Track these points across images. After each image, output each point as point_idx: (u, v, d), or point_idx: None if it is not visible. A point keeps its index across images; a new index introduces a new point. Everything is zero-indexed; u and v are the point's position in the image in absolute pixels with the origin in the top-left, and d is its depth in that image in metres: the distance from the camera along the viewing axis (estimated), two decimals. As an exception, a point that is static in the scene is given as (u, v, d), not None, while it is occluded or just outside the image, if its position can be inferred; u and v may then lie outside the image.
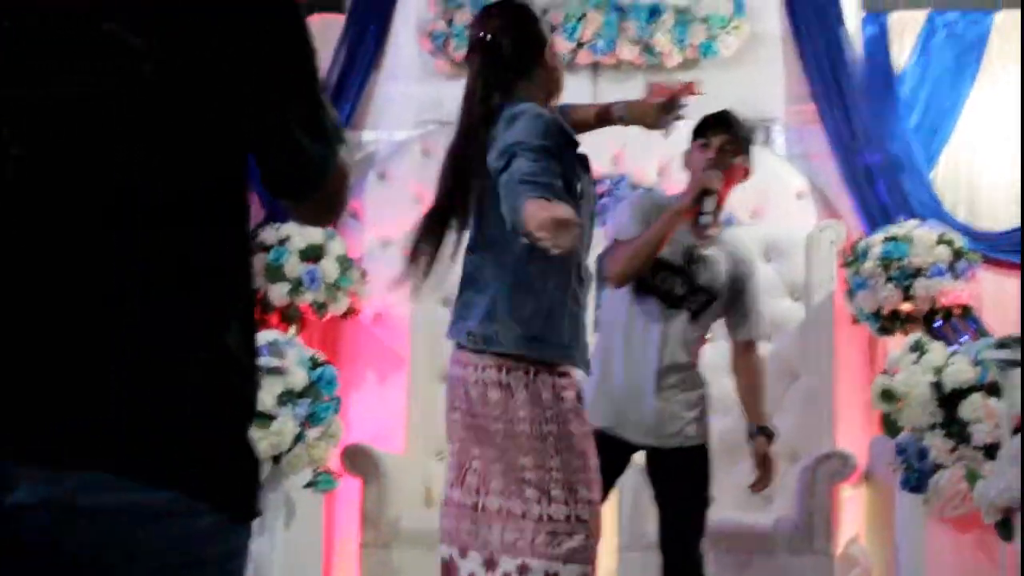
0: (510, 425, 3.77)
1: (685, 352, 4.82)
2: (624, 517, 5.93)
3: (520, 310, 3.73)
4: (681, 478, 4.90)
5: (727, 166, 4.67)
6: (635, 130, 4.49)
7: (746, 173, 4.82)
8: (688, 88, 4.22)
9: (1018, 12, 7.10)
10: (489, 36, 3.83)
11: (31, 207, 1.58)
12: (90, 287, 1.58)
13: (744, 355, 5.01)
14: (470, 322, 3.80)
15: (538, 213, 3.33)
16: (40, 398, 1.55)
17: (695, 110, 6.83)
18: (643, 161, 7.01)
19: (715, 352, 6.48)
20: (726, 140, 4.72)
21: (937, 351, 5.75)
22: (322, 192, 1.81)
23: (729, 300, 4.83)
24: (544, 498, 3.75)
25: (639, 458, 4.88)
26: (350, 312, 7.03)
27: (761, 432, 4.93)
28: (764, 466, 4.95)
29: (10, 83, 1.59)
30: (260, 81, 1.68)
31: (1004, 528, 5.06)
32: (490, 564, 3.71)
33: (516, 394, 3.76)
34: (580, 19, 7.23)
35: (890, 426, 5.80)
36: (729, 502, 6.38)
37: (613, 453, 4.46)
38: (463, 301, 3.82)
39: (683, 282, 4.78)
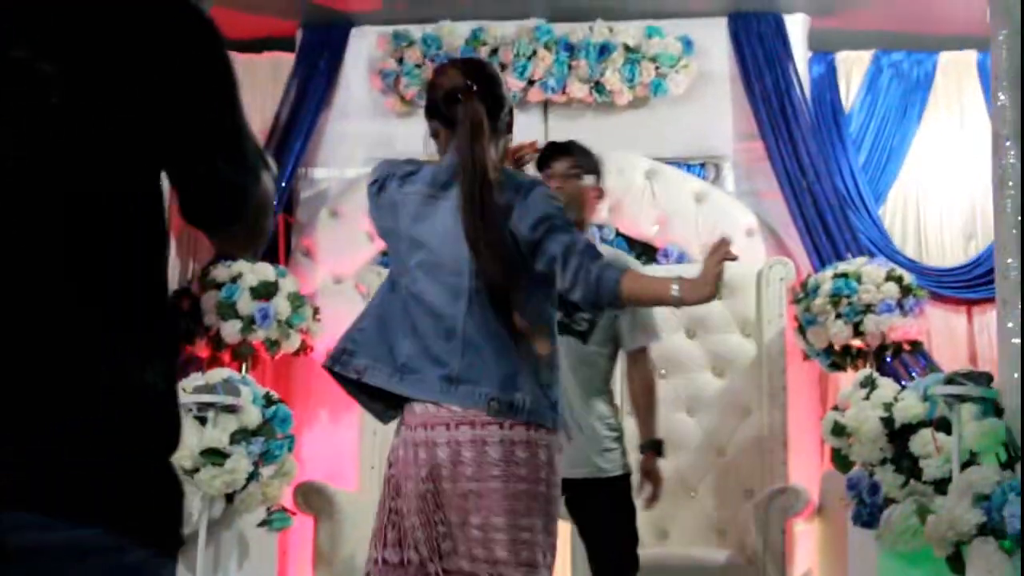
0: (514, 486, 3.73)
1: (589, 380, 4.80)
2: (576, 553, 5.91)
3: (544, 378, 3.69)
4: (593, 509, 4.90)
5: (574, 190, 4.72)
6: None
7: (600, 194, 4.87)
8: (532, 146, 4.23)
9: (961, 53, 7.21)
10: (486, 89, 3.69)
11: None
12: (2, 325, 1.55)
13: (634, 365, 4.98)
14: (484, 387, 3.75)
15: (664, 282, 3.52)
16: None
17: (655, 144, 6.92)
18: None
19: (668, 388, 6.55)
20: (568, 166, 4.77)
21: (887, 387, 5.77)
22: (241, 222, 1.76)
23: (613, 315, 4.84)
24: (544, 555, 3.74)
25: None
26: (302, 349, 7.02)
27: (648, 446, 4.92)
28: (651, 481, 4.91)
29: None
30: (177, 108, 1.65)
31: (955, 562, 5.09)
32: None
33: (536, 459, 3.74)
34: (531, 57, 7.26)
35: (841, 461, 5.80)
36: (683, 537, 6.43)
37: None
38: (467, 363, 3.65)
39: (560, 307, 4.76)
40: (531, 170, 4.30)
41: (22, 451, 1.53)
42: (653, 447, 4.93)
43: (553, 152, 4.74)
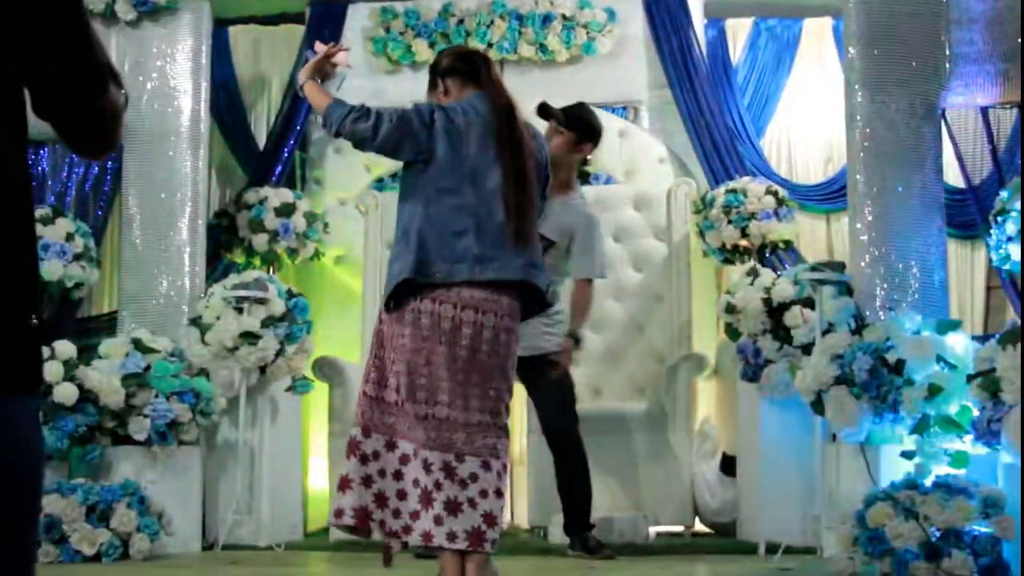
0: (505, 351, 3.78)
1: None
2: (528, 410, 5.96)
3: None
4: (538, 380, 5.04)
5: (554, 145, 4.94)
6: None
7: (566, 143, 5.06)
8: (344, 55, 4.19)
9: (820, 19, 7.20)
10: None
11: None
12: None
13: (577, 289, 5.12)
14: (542, 275, 3.79)
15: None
16: None
17: (587, 92, 6.92)
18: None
19: (600, 281, 6.62)
20: (553, 122, 4.94)
21: (766, 275, 5.82)
22: (93, 126, 1.55)
23: (567, 246, 4.95)
24: (504, 412, 3.80)
25: None
26: (316, 255, 7.05)
27: (570, 335, 5.05)
28: (563, 358, 5.07)
29: None
30: (27, 20, 1.47)
31: (817, 405, 5.19)
32: (459, 457, 3.62)
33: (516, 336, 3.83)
34: (489, 25, 7.24)
35: (732, 332, 5.87)
36: (612, 394, 6.50)
37: None
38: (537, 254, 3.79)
39: None
40: None
41: None
42: (573, 336, 5.06)
43: (540, 114, 4.95)
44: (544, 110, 4.99)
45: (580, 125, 5.13)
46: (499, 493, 3.68)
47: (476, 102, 3.81)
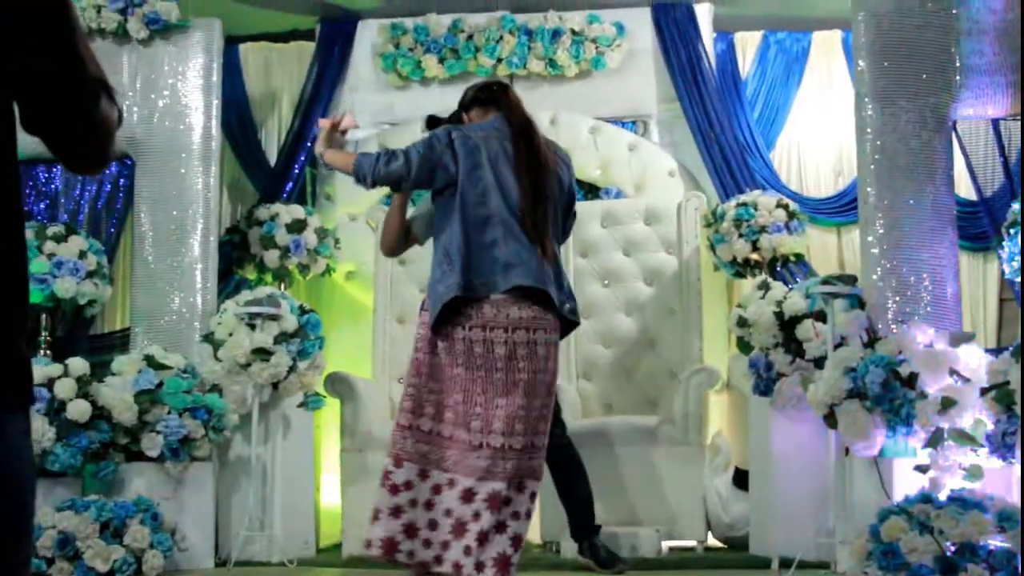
0: (550, 377, 3.88)
1: None
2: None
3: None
4: None
5: None
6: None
7: None
8: (348, 119, 4.35)
9: (829, 32, 7.22)
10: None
11: None
12: None
13: None
14: (561, 294, 3.88)
15: None
16: None
17: (596, 106, 6.88)
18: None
19: (611, 295, 6.61)
20: None
21: (778, 288, 5.80)
22: (84, 141, 1.52)
23: None
24: (547, 431, 3.87)
25: None
26: (327, 271, 7.05)
27: None
28: None
29: None
30: (18, 33, 1.43)
31: (830, 418, 5.16)
32: (505, 483, 3.71)
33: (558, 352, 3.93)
34: (498, 41, 7.25)
35: (744, 346, 5.84)
36: (623, 408, 6.46)
37: None
38: (554, 274, 3.87)
39: None
40: None
41: None
42: None
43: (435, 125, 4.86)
44: (435, 123, 4.84)
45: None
46: (529, 514, 3.75)
47: (496, 122, 3.98)
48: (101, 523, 5.10)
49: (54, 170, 6.73)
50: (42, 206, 6.67)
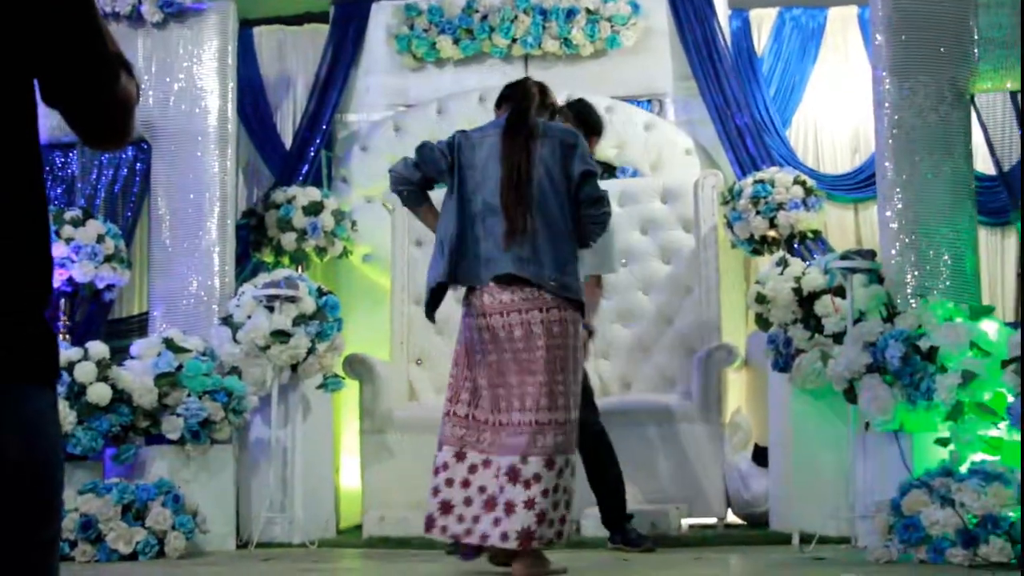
0: (561, 352, 4.00)
1: None
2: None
3: (575, 267, 4.04)
4: None
5: None
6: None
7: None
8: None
9: (845, 8, 7.19)
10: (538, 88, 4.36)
11: None
12: None
13: (588, 285, 5.13)
14: (547, 271, 3.94)
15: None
16: None
17: (612, 85, 6.93)
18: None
19: (628, 274, 6.61)
20: (560, 119, 4.99)
21: (796, 265, 5.78)
22: (104, 116, 1.52)
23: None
24: (571, 406, 4.03)
25: None
26: (345, 253, 7.06)
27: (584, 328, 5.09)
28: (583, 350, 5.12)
29: None
30: (39, 9, 1.43)
31: (850, 393, 5.16)
32: (524, 459, 3.92)
33: (571, 327, 4.02)
34: (513, 20, 7.24)
35: (762, 323, 5.82)
36: (642, 386, 6.48)
37: None
38: (534, 249, 3.98)
39: None
40: None
41: None
42: (587, 330, 5.07)
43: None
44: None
45: (582, 120, 5.10)
46: (558, 491, 3.93)
47: (501, 119, 4.21)
48: (123, 505, 5.13)
49: (71, 155, 6.74)
50: (59, 191, 6.68)
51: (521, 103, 4.20)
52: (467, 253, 4.03)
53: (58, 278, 6.03)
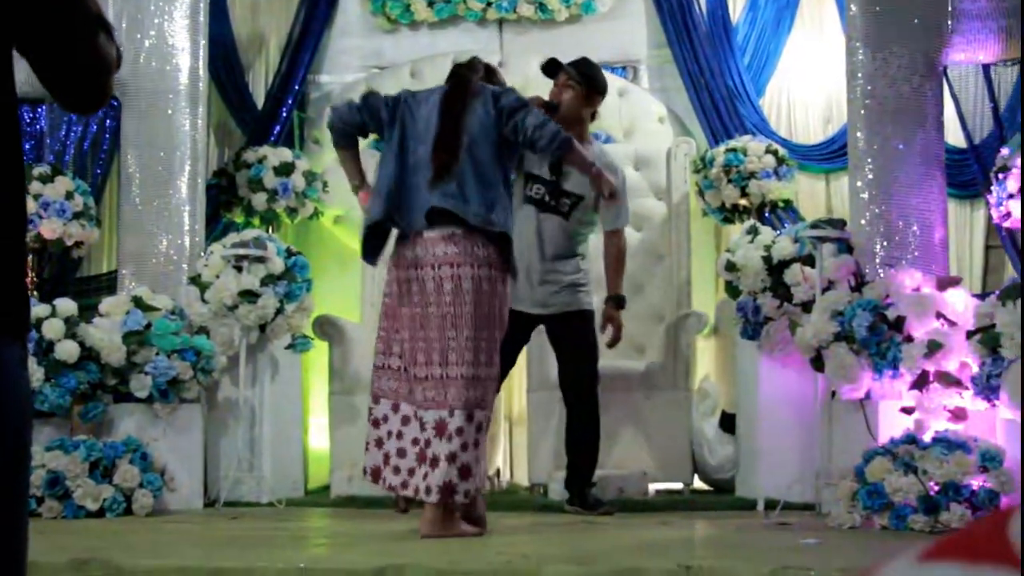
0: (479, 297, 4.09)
1: (566, 244, 5.00)
2: (529, 368, 6.03)
3: (504, 210, 4.08)
4: (566, 335, 5.07)
5: (568, 97, 5.08)
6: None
7: (577, 97, 5.11)
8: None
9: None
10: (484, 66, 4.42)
11: None
12: None
13: (610, 240, 5.18)
14: (472, 207, 4.01)
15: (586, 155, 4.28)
16: None
17: (586, 51, 6.94)
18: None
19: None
20: (565, 78, 4.99)
21: (767, 233, 5.80)
22: (84, 77, 1.49)
23: (597, 199, 4.93)
24: (493, 361, 4.13)
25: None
26: (315, 214, 7.05)
27: (610, 299, 5.12)
28: (612, 325, 5.12)
29: None
30: None
31: (817, 362, 5.21)
32: (451, 412, 4.02)
33: (499, 285, 4.10)
34: (488, -16, 7.23)
35: (732, 291, 5.85)
36: (612, 353, 6.48)
37: (517, 325, 4.62)
38: (460, 187, 4.04)
39: (549, 191, 4.95)
40: None
41: None
42: (615, 300, 5.13)
43: (550, 68, 5.16)
44: (555, 65, 5.08)
45: (588, 79, 5.15)
46: (478, 445, 4.03)
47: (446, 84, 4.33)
48: (91, 463, 5.13)
49: (39, 110, 6.69)
50: (27, 147, 6.63)
51: (467, 72, 4.30)
52: (405, 198, 4.11)
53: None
